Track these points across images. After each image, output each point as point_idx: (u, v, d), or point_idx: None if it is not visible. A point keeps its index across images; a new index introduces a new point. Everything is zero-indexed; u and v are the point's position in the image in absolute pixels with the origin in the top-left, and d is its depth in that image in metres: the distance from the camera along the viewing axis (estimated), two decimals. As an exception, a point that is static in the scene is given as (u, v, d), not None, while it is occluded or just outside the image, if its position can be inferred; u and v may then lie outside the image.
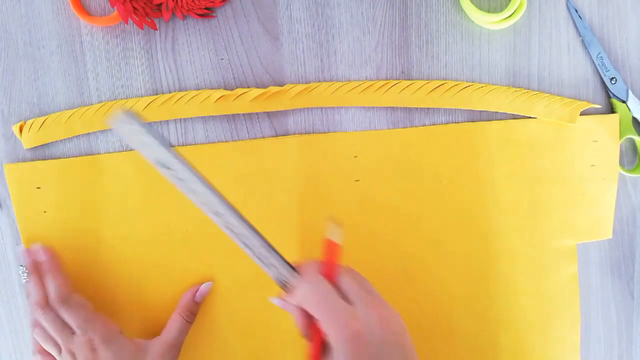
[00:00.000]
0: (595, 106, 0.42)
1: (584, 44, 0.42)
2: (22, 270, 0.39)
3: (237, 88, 0.41)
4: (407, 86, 0.41)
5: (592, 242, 0.44)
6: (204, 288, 0.41)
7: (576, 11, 0.41)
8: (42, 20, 0.40)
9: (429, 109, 0.42)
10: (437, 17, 0.41)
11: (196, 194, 0.31)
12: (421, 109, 0.42)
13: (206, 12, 0.40)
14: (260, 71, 0.41)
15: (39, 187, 0.40)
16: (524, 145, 0.42)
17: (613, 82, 0.42)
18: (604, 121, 0.42)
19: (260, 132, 0.42)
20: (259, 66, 0.41)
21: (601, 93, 0.43)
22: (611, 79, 0.42)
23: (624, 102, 0.42)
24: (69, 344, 0.37)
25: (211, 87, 0.41)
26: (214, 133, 0.41)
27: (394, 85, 0.41)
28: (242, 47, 0.41)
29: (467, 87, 0.41)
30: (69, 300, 0.38)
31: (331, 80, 0.41)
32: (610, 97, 0.42)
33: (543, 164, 0.42)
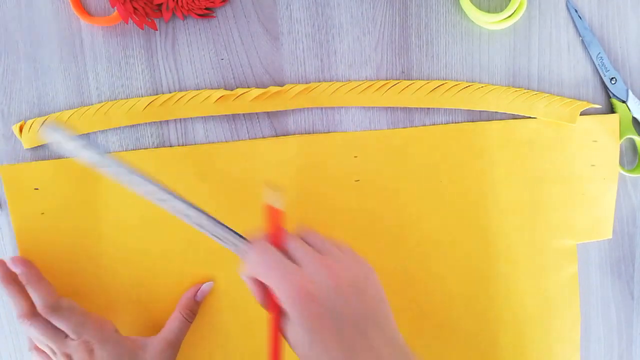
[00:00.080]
0: (595, 106, 0.42)
1: (583, 44, 0.42)
2: None
3: (237, 88, 0.41)
4: (407, 86, 0.41)
5: (592, 242, 0.44)
6: (205, 287, 0.41)
7: (576, 11, 0.41)
8: (42, 20, 0.40)
9: (429, 109, 0.42)
10: (437, 17, 0.41)
11: (136, 185, 0.33)
12: (421, 109, 0.42)
13: (206, 12, 0.40)
14: (260, 71, 0.41)
15: (37, 188, 0.40)
16: (524, 145, 0.42)
17: (613, 82, 0.42)
18: (603, 121, 0.42)
19: (260, 132, 0.42)
20: (259, 66, 0.41)
21: (601, 93, 0.43)
22: (611, 79, 0.42)
23: (624, 102, 0.42)
24: (64, 348, 0.36)
25: (211, 87, 0.41)
26: (214, 133, 0.41)
27: (394, 85, 0.41)
28: (242, 47, 0.41)
29: (467, 87, 0.41)
30: (58, 306, 0.36)
31: (331, 80, 0.41)
32: (610, 97, 0.42)
33: (543, 164, 0.42)
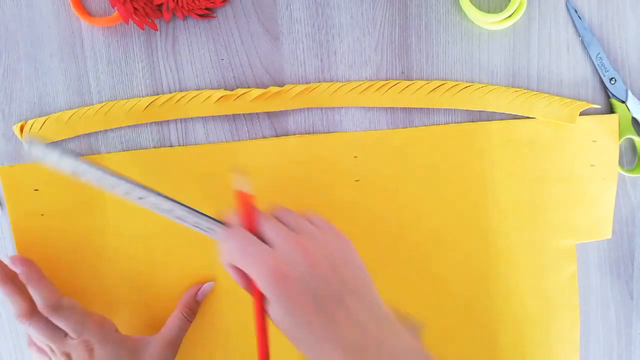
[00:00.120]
0: (595, 106, 0.42)
1: (583, 44, 0.42)
2: None
3: (237, 88, 0.41)
4: (407, 86, 0.41)
5: (591, 242, 0.44)
6: (206, 287, 0.41)
7: (576, 11, 0.41)
8: (42, 21, 0.40)
9: (429, 109, 0.42)
10: (437, 18, 0.41)
11: (113, 187, 0.33)
12: (421, 109, 0.42)
13: (206, 13, 0.40)
14: (261, 71, 0.41)
15: (37, 190, 0.40)
16: (523, 146, 0.42)
17: (612, 82, 0.42)
18: (603, 121, 0.42)
19: (261, 132, 0.42)
20: (259, 66, 0.41)
21: (600, 93, 0.43)
22: (610, 79, 0.42)
23: (623, 102, 0.42)
24: (64, 347, 0.36)
25: (211, 87, 0.41)
26: (214, 133, 0.41)
27: (393, 86, 0.41)
28: (242, 47, 0.41)
29: (467, 87, 0.41)
30: (59, 305, 0.36)
31: (331, 81, 0.42)
32: (609, 97, 0.42)
33: (543, 164, 0.42)
